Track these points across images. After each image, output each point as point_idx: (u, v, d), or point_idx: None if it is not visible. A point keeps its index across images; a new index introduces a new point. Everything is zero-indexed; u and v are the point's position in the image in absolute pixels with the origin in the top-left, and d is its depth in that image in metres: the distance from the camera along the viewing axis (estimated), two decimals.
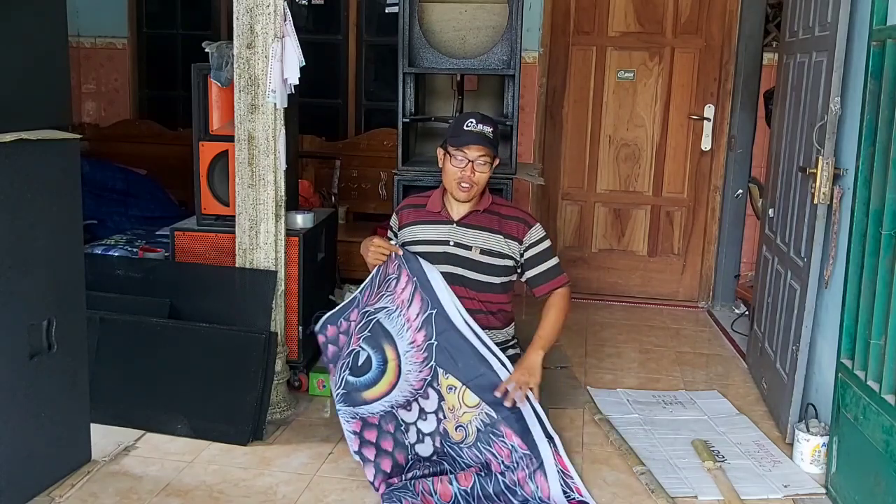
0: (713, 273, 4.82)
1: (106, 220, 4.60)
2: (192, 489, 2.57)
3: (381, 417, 2.63)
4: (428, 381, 2.58)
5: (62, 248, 2.48)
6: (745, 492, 2.63)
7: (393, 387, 2.61)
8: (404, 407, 2.61)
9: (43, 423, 2.45)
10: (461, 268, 2.79)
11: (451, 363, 2.56)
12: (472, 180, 2.72)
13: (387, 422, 2.63)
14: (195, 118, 3.26)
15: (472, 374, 2.55)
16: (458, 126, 2.77)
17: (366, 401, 2.64)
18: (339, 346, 2.74)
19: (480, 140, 2.71)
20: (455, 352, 2.57)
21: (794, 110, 3.26)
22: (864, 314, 2.43)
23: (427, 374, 2.58)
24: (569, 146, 4.88)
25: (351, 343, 2.69)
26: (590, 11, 4.71)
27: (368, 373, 2.64)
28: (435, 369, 2.57)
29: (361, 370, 2.65)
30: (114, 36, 5.47)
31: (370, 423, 2.64)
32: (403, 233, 2.87)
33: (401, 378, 2.61)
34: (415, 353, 2.60)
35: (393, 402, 2.62)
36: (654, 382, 3.65)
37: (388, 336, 2.64)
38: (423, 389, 2.59)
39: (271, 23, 2.86)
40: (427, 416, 2.60)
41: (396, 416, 2.62)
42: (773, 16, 4.46)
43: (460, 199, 2.78)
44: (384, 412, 2.63)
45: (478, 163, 2.72)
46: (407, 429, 2.62)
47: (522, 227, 2.84)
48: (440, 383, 2.57)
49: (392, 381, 2.61)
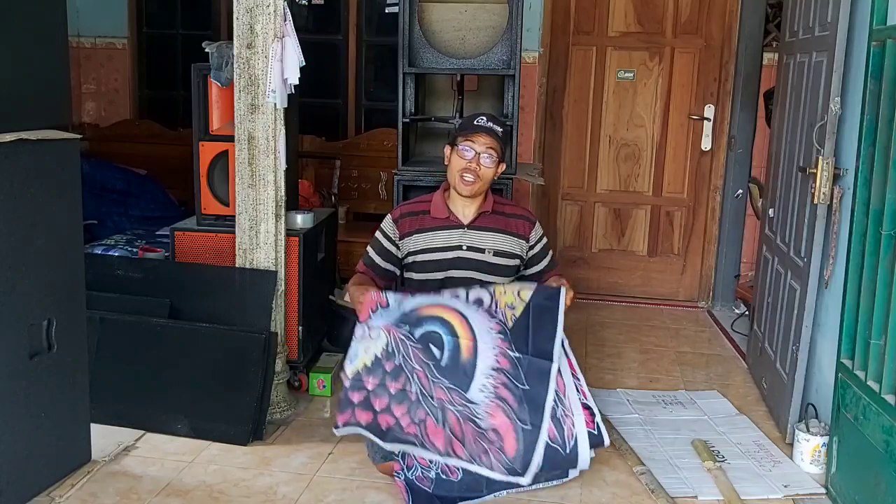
0: (713, 273, 4.83)
1: (106, 220, 4.60)
2: (192, 489, 2.57)
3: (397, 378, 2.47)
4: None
5: (62, 248, 2.48)
6: (745, 492, 2.62)
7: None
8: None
9: (43, 423, 2.45)
10: (475, 271, 2.80)
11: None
12: (476, 172, 2.72)
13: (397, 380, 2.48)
14: (195, 118, 3.26)
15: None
16: (468, 121, 2.83)
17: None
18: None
19: (489, 131, 2.73)
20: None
21: (794, 110, 3.26)
22: (864, 314, 2.43)
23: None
24: (569, 146, 4.88)
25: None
26: (590, 11, 4.71)
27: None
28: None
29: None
30: (114, 36, 5.47)
31: (381, 389, 2.47)
32: (406, 242, 2.85)
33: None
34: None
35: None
36: (654, 382, 3.65)
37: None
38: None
39: (271, 23, 2.86)
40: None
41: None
42: (773, 16, 4.46)
43: (463, 194, 2.77)
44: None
45: (483, 156, 2.73)
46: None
47: (528, 224, 2.87)
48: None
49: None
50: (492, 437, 2.42)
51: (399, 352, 2.47)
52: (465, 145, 2.73)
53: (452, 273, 2.81)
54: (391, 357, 2.47)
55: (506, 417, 2.43)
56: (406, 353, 2.48)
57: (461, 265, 2.80)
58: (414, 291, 2.62)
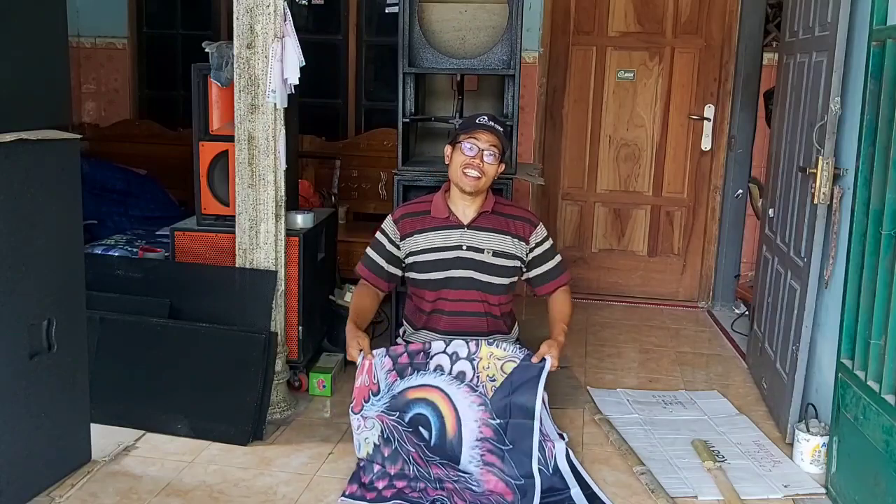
0: (713, 273, 4.83)
1: (106, 220, 4.60)
2: (192, 489, 2.57)
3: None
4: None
5: (62, 248, 2.48)
6: (745, 492, 2.62)
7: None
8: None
9: (43, 423, 2.45)
10: (474, 271, 2.81)
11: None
12: (480, 168, 2.73)
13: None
14: (195, 118, 3.26)
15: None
16: (469, 120, 2.85)
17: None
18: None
19: (491, 130, 2.75)
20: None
21: (794, 110, 3.26)
22: (864, 314, 2.42)
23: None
24: (569, 146, 4.88)
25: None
26: (590, 11, 4.71)
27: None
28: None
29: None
30: (114, 36, 5.47)
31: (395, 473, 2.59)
32: (407, 243, 2.85)
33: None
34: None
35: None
36: (654, 382, 3.65)
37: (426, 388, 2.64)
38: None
39: (271, 23, 2.86)
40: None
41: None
42: (773, 16, 4.46)
43: (466, 189, 2.77)
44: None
45: (486, 153, 2.73)
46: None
47: (529, 226, 2.86)
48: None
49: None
50: (489, 497, 2.52)
51: (394, 437, 2.61)
52: (468, 142, 2.74)
53: (452, 273, 2.81)
54: (388, 443, 2.61)
55: (498, 479, 2.54)
56: (400, 437, 2.61)
57: (461, 265, 2.80)
58: (404, 358, 2.66)
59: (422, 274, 2.85)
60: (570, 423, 3.15)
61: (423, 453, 2.59)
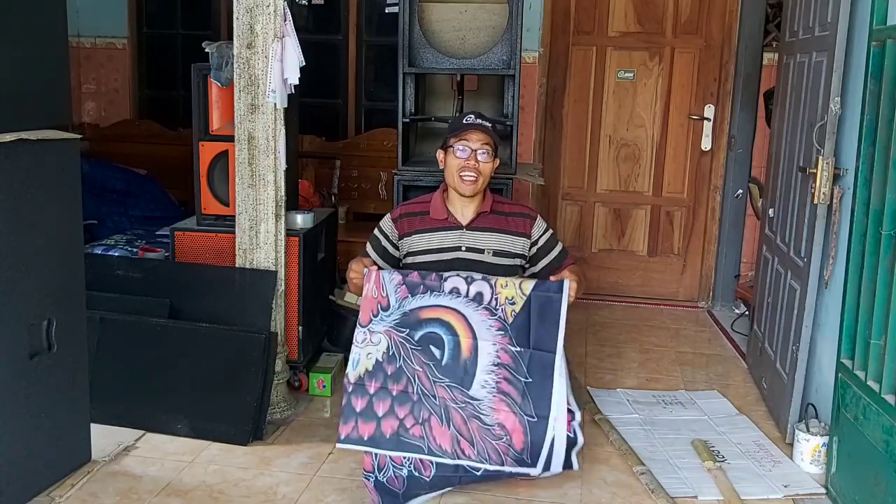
0: (713, 273, 4.83)
1: (106, 220, 4.60)
2: (192, 489, 2.57)
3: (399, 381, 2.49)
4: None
5: (62, 248, 2.48)
6: (745, 492, 2.62)
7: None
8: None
9: (43, 423, 2.45)
10: (474, 272, 2.79)
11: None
12: (476, 169, 2.72)
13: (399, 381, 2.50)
14: (195, 118, 3.26)
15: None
16: (457, 122, 2.83)
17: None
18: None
19: (480, 128, 2.74)
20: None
21: (794, 110, 3.26)
22: (864, 314, 2.42)
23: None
24: (569, 146, 4.88)
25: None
26: (590, 11, 4.71)
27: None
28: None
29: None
30: (114, 36, 5.47)
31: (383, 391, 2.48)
32: (405, 242, 2.85)
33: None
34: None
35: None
36: (654, 382, 3.65)
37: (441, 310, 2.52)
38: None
39: (271, 23, 2.86)
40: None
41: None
42: (773, 16, 4.46)
43: (465, 193, 2.76)
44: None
45: (480, 152, 2.73)
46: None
47: (528, 221, 2.86)
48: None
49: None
50: (498, 432, 2.44)
51: (400, 354, 2.50)
52: (459, 145, 2.73)
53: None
54: (392, 360, 2.49)
55: (510, 411, 2.45)
56: (407, 355, 2.50)
57: (460, 266, 2.80)
58: (415, 276, 2.58)
59: None
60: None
61: (432, 373, 2.48)
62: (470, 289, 2.54)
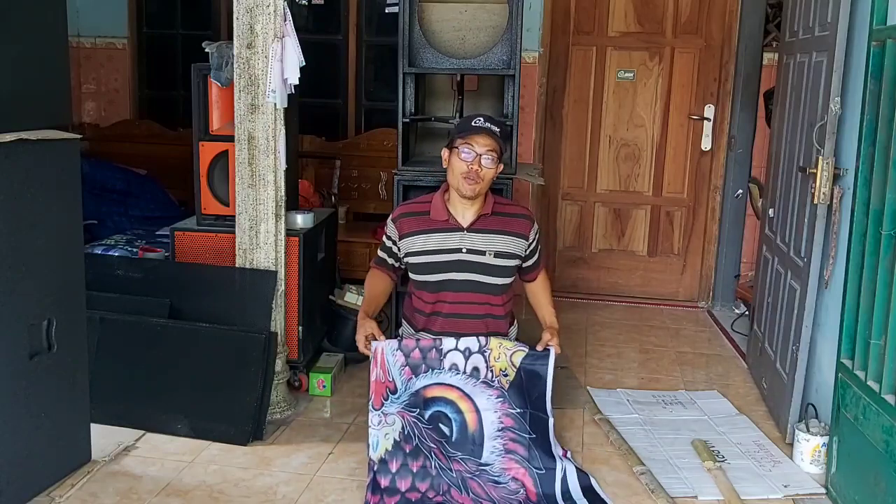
0: (713, 273, 4.83)
1: (106, 220, 4.60)
2: (192, 489, 2.57)
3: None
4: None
5: (62, 248, 2.48)
6: (745, 492, 2.62)
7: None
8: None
9: (43, 423, 2.45)
10: (475, 273, 2.81)
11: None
12: (478, 174, 2.72)
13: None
14: (195, 118, 3.26)
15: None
16: (465, 122, 2.82)
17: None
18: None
19: (489, 133, 2.73)
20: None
21: (794, 110, 3.26)
22: (864, 314, 2.43)
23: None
24: (569, 146, 4.88)
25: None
26: (590, 11, 4.71)
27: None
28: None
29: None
30: (114, 36, 5.47)
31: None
32: (405, 243, 2.85)
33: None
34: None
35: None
36: (654, 382, 3.65)
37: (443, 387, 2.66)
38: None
39: (271, 23, 2.86)
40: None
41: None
42: (773, 16, 4.46)
43: (466, 196, 2.76)
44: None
45: (484, 157, 2.72)
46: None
47: (527, 223, 2.87)
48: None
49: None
50: (513, 486, 2.57)
51: (415, 434, 2.61)
52: (464, 147, 2.72)
53: (452, 275, 2.81)
54: (409, 440, 2.61)
55: (520, 466, 2.59)
56: (420, 434, 2.61)
57: (461, 268, 2.80)
58: (416, 354, 2.66)
59: (420, 275, 2.85)
60: (570, 423, 3.15)
61: (445, 449, 2.60)
62: (467, 364, 2.66)
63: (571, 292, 4.86)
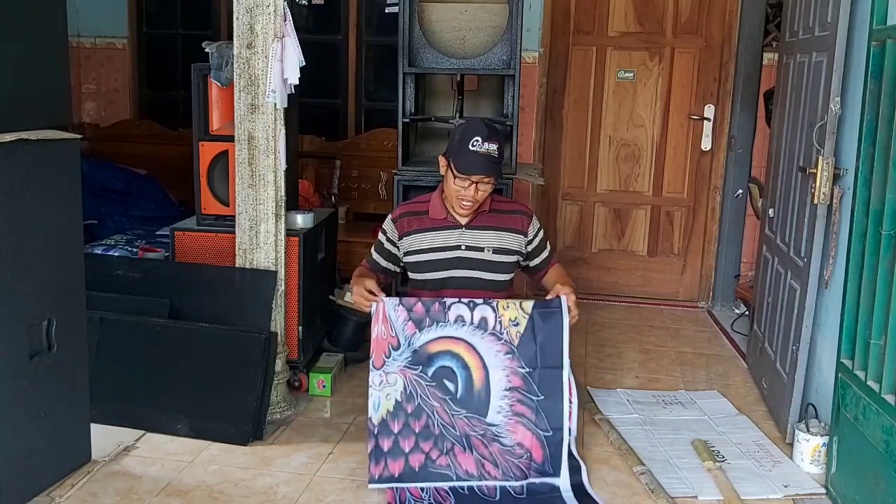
0: (713, 273, 4.83)
1: (106, 220, 4.60)
2: (192, 489, 2.57)
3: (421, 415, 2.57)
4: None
5: (62, 248, 2.48)
6: (745, 492, 2.62)
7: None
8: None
9: (43, 423, 2.45)
10: (474, 270, 2.80)
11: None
12: (474, 199, 2.72)
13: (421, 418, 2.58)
14: (195, 118, 3.26)
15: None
16: (462, 144, 2.65)
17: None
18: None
19: (485, 165, 2.64)
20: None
21: (794, 110, 3.26)
22: (864, 314, 2.42)
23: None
24: (569, 146, 4.88)
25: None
26: (590, 11, 4.71)
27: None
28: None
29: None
30: (114, 36, 5.47)
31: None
32: (405, 242, 2.85)
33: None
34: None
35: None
36: (654, 382, 3.65)
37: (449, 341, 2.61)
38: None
39: (271, 23, 2.86)
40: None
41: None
42: (773, 16, 4.46)
43: (461, 215, 2.78)
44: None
45: (480, 185, 2.70)
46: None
47: (525, 219, 2.87)
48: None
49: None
50: (518, 451, 2.56)
51: (417, 393, 2.59)
52: (458, 180, 2.68)
53: (452, 273, 2.81)
54: (410, 399, 2.58)
55: (527, 430, 2.57)
56: (423, 393, 2.59)
57: (461, 265, 2.80)
58: (419, 308, 2.64)
59: (420, 274, 2.85)
60: None
61: (449, 407, 2.58)
62: (474, 315, 2.62)
63: None
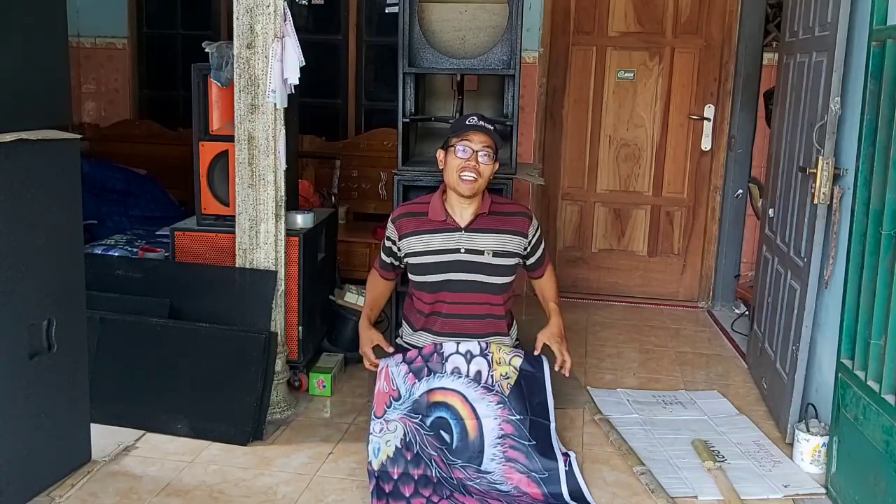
0: (713, 273, 4.83)
1: (106, 220, 4.60)
2: (192, 489, 2.57)
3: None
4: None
5: (62, 248, 2.48)
6: (745, 492, 2.62)
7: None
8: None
9: (43, 423, 2.45)
10: (474, 273, 2.81)
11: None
12: (476, 170, 2.73)
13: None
14: (195, 118, 3.26)
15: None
16: (459, 122, 2.85)
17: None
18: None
19: (483, 130, 2.75)
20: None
21: (794, 110, 3.26)
22: (864, 314, 2.42)
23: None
24: (569, 146, 4.88)
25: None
26: (590, 11, 4.71)
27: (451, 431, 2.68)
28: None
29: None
30: (114, 36, 5.47)
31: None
32: (405, 243, 2.86)
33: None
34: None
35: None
36: (654, 382, 3.65)
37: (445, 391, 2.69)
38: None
39: (271, 23, 2.86)
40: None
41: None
42: (773, 16, 4.46)
43: (464, 193, 2.76)
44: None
45: (481, 154, 2.73)
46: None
47: (525, 220, 2.88)
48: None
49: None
50: (516, 494, 2.56)
51: (416, 441, 2.63)
52: (461, 145, 2.73)
53: (451, 276, 2.81)
54: (410, 447, 2.62)
55: (521, 475, 2.59)
56: (422, 441, 2.63)
57: (460, 268, 2.81)
58: (419, 361, 2.71)
59: (419, 276, 2.85)
60: (570, 423, 3.15)
61: (445, 457, 2.61)
62: (470, 368, 2.71)
63: (571, 292, 4.85)
